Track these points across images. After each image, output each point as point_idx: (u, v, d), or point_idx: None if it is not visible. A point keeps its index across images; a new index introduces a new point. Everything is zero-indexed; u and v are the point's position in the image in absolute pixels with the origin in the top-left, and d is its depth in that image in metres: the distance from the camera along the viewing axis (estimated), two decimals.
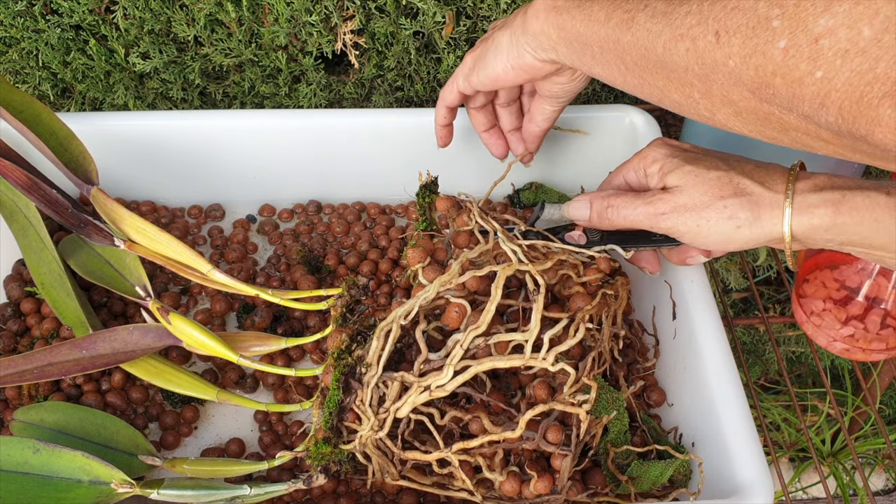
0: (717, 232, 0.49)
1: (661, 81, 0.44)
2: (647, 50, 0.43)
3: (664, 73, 0.43)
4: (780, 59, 0.36)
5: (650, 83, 0.45)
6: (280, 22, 0.74)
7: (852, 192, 0.47)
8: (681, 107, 0.45)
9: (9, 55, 0.77)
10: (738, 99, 0.40)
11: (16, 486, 0.50)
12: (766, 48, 0.36)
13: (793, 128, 0.39)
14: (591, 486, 0.54)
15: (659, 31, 0.42)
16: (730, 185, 0.49)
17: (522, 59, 0.54)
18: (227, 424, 0.62)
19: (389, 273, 0.69)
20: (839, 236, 0.47)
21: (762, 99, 0.38)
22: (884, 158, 0.36)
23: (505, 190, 0.77)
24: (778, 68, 0.36)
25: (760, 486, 0.51)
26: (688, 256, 0.57)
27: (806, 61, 0.35)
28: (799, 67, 0.35)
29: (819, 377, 1.12)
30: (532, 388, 0.53)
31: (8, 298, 0.67)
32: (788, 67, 0.35)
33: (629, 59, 0.45)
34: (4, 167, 0.58)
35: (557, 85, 0.58)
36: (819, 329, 0.67)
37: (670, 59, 0.42)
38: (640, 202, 0.51)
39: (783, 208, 0.48)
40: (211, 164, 0.73)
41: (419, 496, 0.57)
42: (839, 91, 0.34)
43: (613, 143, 0.73)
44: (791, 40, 0.35)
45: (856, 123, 0.34)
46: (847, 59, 0.33)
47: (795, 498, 1.25)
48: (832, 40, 0.33)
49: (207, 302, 0.68)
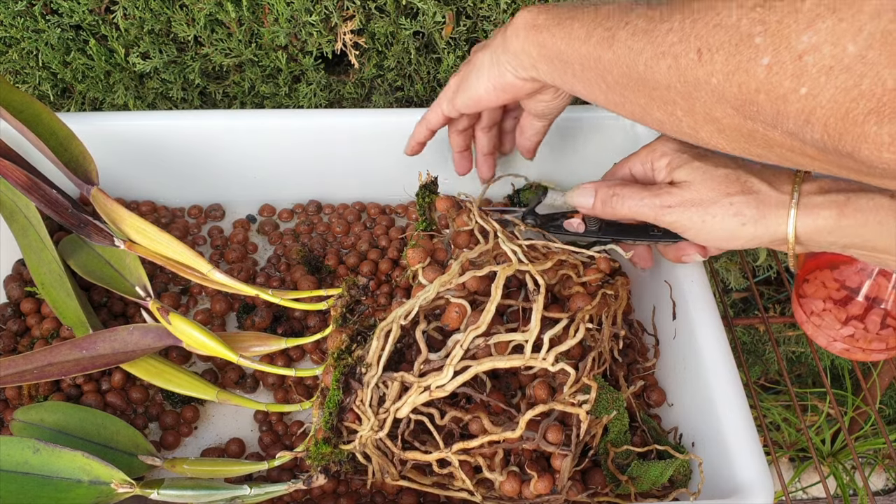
0: (722, 228, 0.49)
1: (643, 99, 0.44)
2: (629, 68, 0.43)
3: (646, 91, 0.43)
4: (764, 77, 0.35)
5: (632, 101, 0.45)
6: (280, 22, 0.74)
7: (857, 195, 0.47)
8: (663, 125, 0.44)
9: (9, 55, 0.77)
10: (721, 116, 0.39)
11: (16, 486, 0.50)
12: (749, 65, 0.36)
13: (778, 144, 0.38)
14: (591, 486, 0.54)
15: (640, 48, 0.42)
16: (737, 182, 0.49)
17: (503, 78, 0.54)
18: (227, 424, 0.62)
19: (389, 273, 0.69)
20: (842, 238, 0.47)
21: (746, 116, 0.38)
22: (869, 175, 0.36)
23: (505, 190, 0.77)
24: (761, 85, 0.36)
25: (760, 486, 0.51)
26: (684, 254, 0.57)
27: (790, 78, 0.34)
28: (783, 84, 0.35)
29: (819, 377, 1.12)
30: (532, 388, 0.53)
31: (8, 298, 0.67)
32: (772, 84, 0.35)
33: (610, 77, 0.45)
34: (4, 167, 0.58)
35: (542, 103, 0.58)
36: (819, 329, 0.67)
37: (652, 77, 0.41)
38: (647, 194, 0.51)
39: (789, 208, 0.48)
40: (211, 164, 0.73)
41: (419, 496, 0.57)
42: (824, 108, 0.34)
43: (613, 144, 0.73)
44: (774, 57, 0.35)
45: (842, 140, 0.34)
46: (832, 76, 0.33)
47: (795, 498, 1.25)
48: (816, 57, 0.33)
49: (207, 302, 0.68)
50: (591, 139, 0.74)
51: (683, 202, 0.50)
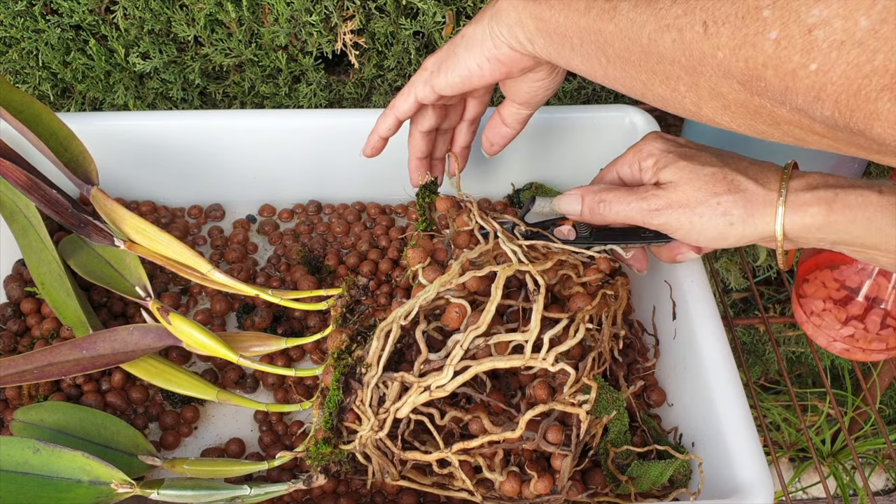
0: (710, 228, 0.48)
1: (645, 75, 0.42)
2: (631, 41, 0.41)
3: (648, 65, 0.42)
4: (772, 51, 0.34)
5: (633, 76, 0.44)
6: (280, 22, 0.74)
7: (845, 191, 0.46)
8: (665, 101, 0.43)
9: (9, 55, 0.77)
10: (727, 92, 0.38)
11: (16, 486, 0.50)
12: (757, 39, 0.34)
13: (785, 121, 0.38)
14: (591, 486, 0.54)
15: (643, 21, 0.40)
16: (724, 181, 0.48)
17: (499, 50, 0.51)
18: (227, 424, 0.62)
19: (389, 273, 0.69)
20: (831, 235, 0.47)
21: (753, 92, 0.37)
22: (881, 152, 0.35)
23: (505, 189, 0.77)
24: (769, 60, 0.35)
25: (760, 486, 0.51)
26: (678, 253, 0.56)
27: (799, 53, 0.33)
28: (792, 59, 0.34)
29: (819, 377, 1.12)
30: (532, 389, 0.53)
31: (8, 298, 0.67)
32: (780, 59, 0.34)
33: (611, 50, 0.44)
34: (4, 167, 0.58)
35: (534, 83, 0.55)
36: (819, 329, 0.67)
37: (655, 51, 0.40)
38: (634, 198, 0.50)
39: (776, 206, 0.47)
40: (211, 164, 0.73)
41: (419, 496, 0.57)
42: (835, 84, 0.33)
43: (613, 144, 0.73)
44: (783, 31, 0.33)
45: (853, 117, 0.33)
46: (843, 51, 0.32)
47: (795, 498, 1.25)
48: (827, 31, 0.32)
49: (207, 302, 0.68)
50: (590, 139, 0.74)
51: (670, 204, 0.49)
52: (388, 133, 0.59)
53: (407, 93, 0.56)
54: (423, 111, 0.59)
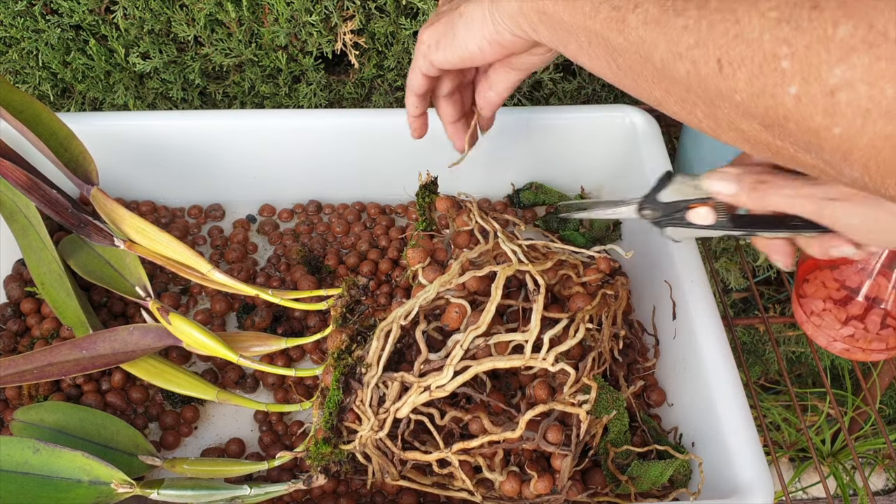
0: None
1: (659, 93, 0.39)
2: (643, 59, 0.38)
3: (663, 84, 0.38)
4: (793, 106, 0.31)
5: (646, 91, 0.40)
6: (280, 22, 0.74)
7: None
8: (681, 118, 0.40)
9: (9, 55, 0.77)
10: (747, 129, 0.35)
11: (16, 486, 0.50)
12: (776, 91, 0.32)
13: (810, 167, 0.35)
14: (591, 486, 0.54)
15: (654, 41, 0.36)
16: None
17: (501, 35, 0.48)
18: (227, 424, 0.62)
19: (389, 273, 0.69)
20: None
21: (775, 136, 0.34)
22: None
23: (505, 189, 0.77)
24: (790, 114, 0.32)
25: (760, 486, 0.51)
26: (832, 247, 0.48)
27: (821, 114, 0.31)
28: (814, 119, 0.31)
29: (819, 377, 1.12)
30: (532, 388, 0.53)
31: (8, 298, 0.67)
32: (802, 116, 0.31)
33: (622, 60, 0.40)
34: (4, 167, 0.58)
35: (534, 56, 0.52)
36: (819, 329, 0.67)
37: (669, 75, 0.37)
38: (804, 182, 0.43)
39: None
40: (211, 164, 0.73)
41: (419, 496, 0.57)
42: (863, 150, 0.30)
43: (613, 144, 0.73)
44: (803, 88, 0.31)
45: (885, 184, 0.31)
46: (869, 120, 0.29)
47: (795, 498, 1.25)
48: (851, 95, 0.29)
49: (207, 302, 0.68)
50: (590, 139, 0.74)
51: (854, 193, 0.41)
52: (418, 111, 0.59)
53: (414, 69, 0.55)
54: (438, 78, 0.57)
